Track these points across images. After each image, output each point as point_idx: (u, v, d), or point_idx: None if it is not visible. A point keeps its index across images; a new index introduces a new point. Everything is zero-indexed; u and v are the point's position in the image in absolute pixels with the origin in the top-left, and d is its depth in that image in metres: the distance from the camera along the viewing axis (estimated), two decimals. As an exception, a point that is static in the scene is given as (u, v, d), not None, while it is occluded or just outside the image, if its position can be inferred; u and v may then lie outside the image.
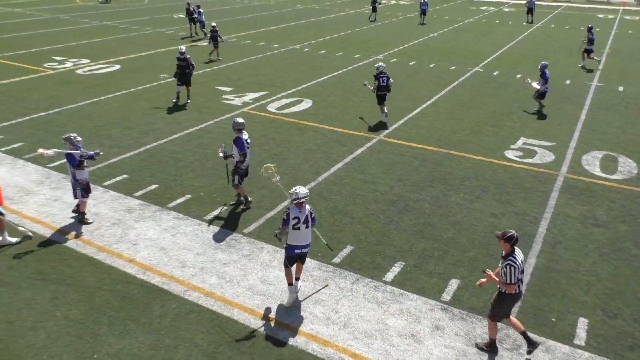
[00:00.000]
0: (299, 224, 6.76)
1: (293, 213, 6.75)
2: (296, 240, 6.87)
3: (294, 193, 6.73)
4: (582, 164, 11.84)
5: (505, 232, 5.92)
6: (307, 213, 6.84)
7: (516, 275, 5.81)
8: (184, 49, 15.33)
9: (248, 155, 9.39)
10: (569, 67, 21.55)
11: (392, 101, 16.25)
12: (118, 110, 14.91)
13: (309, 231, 6.92)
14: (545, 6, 46.80)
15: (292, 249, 6.92)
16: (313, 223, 6.97)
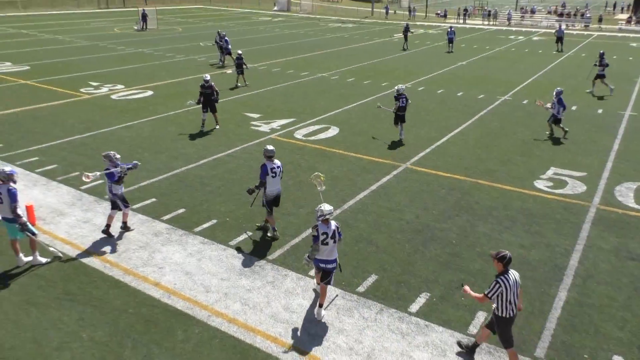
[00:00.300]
0: (327, 239, 7.07)
1: (322, 229, 7.06)
2: (322, 255, 7.13)
3: (318, 210, 7.06)
4: (615, 195, 11.54)
5: (499, 252, 6.02)
6: (334, 228, 7.13)
7: (502, 294, 5.92)
8: (208, 76, 15.71)
9: (276, 184, 9.28)
10: (601, 96, 21.20)
11: (419, 129, 16.23)
12: (149, 135, 15.25)
13: (335, 247, 7.21)
14: (576, 35, 46.45)
15: (318, 262, 7.19)
16: (339, 237, 7.25)
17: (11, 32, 39.45)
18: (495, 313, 6.11)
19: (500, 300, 5.97)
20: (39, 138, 14.75)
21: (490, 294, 5.97)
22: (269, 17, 60.78)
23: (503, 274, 5.99)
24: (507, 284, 5.90)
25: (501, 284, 5.90)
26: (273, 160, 9.30)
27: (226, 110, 18.06)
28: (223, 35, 27.50)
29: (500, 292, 5.92)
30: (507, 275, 5.96)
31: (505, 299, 5.94)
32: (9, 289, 7.86)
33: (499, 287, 5.91)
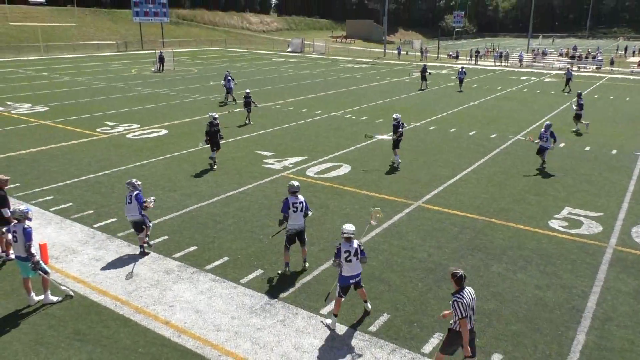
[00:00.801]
0: (350, 256, 7.69)
1: (344, 247, 7.73)
2: (350, 271, 7.76)
3: (342, 229, 7.79)
4: (633, 236, 11.34)
5: (454, 272, 6.38)
6: (356, 247, 7.77)
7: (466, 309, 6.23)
8: (216, 115, 16.22)
9: (298, 219, 9.28)
10: (615, 137, 21.15)
11: (431, 167, 16.24)
12: (163, 173, 15.43)
13: (359, 263, 7.82)
14: (589, 77, 46.73)
15: (347, 280, 7.79)
16: (363, 256, 7.85)
17: (32, 75, 40.70)
18: (451, 328, 6.44)
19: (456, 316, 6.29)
20: (55, 177, 14.99)
21: (463, 313, 6.22)
22: (283, 58, 62.15)
23: (459, 291, 6.33)
24: (463, 300, 6.23)
25: (460, 300, 6.24)
26: (297, 196, 9.37)
27: (239, 148, 18.27)
28: (226, 74, 28.50)
29: (464, 307, 6.23)
30: (462, 293, 6.30)
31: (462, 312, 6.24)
32: (19, 328, 7.83)
33: (460, 304, 6.23)
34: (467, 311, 6.22)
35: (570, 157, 17.75)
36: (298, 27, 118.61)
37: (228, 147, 18.47)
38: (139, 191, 10.01)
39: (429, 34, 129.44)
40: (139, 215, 9.94)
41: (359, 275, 7.90)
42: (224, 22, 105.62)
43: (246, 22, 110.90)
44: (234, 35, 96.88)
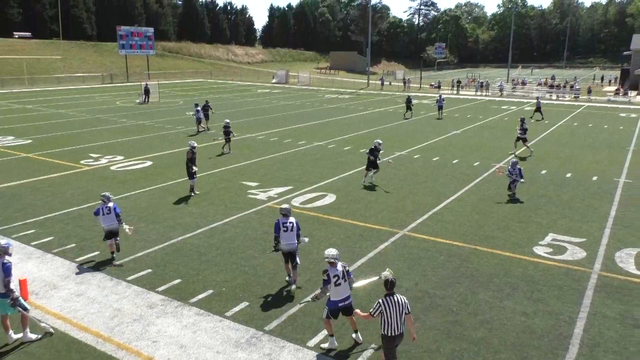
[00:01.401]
0: (339, 280, 7.76)
1: (332, 272, 7.77)
2: (339, 295, 7.78)
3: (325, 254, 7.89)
4: (616, 261, 11.43)
5: (385, 278, 6.99)
6: (342, 269, 7.85)
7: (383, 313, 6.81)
8: (195, 143, 16.57)
9: (290, 239, 9.80)
10: (595, 164, 21.52)
11: (416, 196, 16.32)
12: (147, 205, 15.29)
13: (347, 285, 7.87)
14: (568, 105, 47.79)
15: (336, 304, 7.80)
16: (350, 276, 7.93)
17: (16, 107, 40.50)
18: (382, 334, 6.96)
19: (382, 319, 6.87)
20: (36, 210, 14.77)
21: (372, 311, 6.96)
22: (268, 89, 62.71)
23: (387, 295, 6.90)
24: (387, 304, 6.82)
25: (382, 304, 6.85)
26: (288, 217, 9.90)
27: (223, 179, 18.22)
28: (195, 105, 29.75)
29: (381, 311, 6.83)
30: (389, 298, 6.88)
31: (386, 318, 6.82)
32: (-5, 365, 7.59)
33: (379, 307, 6.86)
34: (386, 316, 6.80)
35: (552, 184, 17.98)
36: (283, 59, 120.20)
37: (213, 178, 18.42)
38: (114, 203, 11.39)
39: (412, 64, 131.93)
40: (117, 224, 11.15)
41: (349, 299, 7.89)
42: (210, 54, 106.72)
43: (231, 54, 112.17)
44: (219, 67, 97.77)
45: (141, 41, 73.71)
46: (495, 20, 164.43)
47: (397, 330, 6.84)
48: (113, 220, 11.12)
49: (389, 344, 6.94)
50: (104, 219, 11.13)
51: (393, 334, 6.85)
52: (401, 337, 6.99)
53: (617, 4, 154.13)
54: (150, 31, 76.45)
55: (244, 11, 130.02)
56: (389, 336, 6.88)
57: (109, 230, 11.16)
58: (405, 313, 6.95)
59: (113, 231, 11.19)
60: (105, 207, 11.16)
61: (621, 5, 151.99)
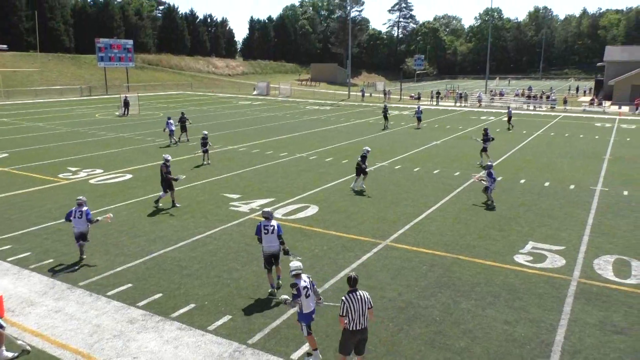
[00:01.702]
0: (308, 291, 7.82)
1: (300, 284, 7.77)
2: (310, 307, 7.83)
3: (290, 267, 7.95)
4: (595, 268, 11.61)
5: (348, 276, 7.27)
6: (307, 279, 7.92)
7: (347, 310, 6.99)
8: (169, 156, 16.55)
9: (271, 241, 10.10)
10: (572, 172, 21.90)
11: (398, 206, 16.40)
12: (127, 218, 15.09)
13: (313, 295, 7.93)
14: (544, 115, 48.68)
15: (309, 316, 7.83)
16: (313, 287, 7.98)
17: (-8, 120, 39.76)
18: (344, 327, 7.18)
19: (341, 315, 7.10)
20: (13, 225, 14.47)
21: (341, 312, 7.07)
22: (249, 101, 62.66)
23: (349, 292, 7.12)
24: (351, 301, 7.02)
25: (346, 301, 7.04)
26: (270, 220, 10.20)
27: (205, 191, 18.10)
28: (168, 118, 30.08)
29: (346, 308, 7.00)
30: (352, 294, 7.08)
31: (351, 315, 7.00)
32: (-30, 385, 7.36)
33: (344, 304, 7.05)
34: (350, 312, 6.98)
35: (531, 193, 18.24)
36: (264, 71, 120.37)
37: (194, 190, 18.28)
38: (87, 207, 12.11)
39: (392, 76, 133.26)
40: (86, 227, 11.89)
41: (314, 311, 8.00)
42: (190, 67, 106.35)
43: (212, 67, 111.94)
44: (199, 79, 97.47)
45: (120, 53, 73.17)
46: (472, 33, 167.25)
47: (359, 325, 7.05)
48: (84, 223, 11.83)
49: (350, 338, 7.16)
50: (75, 222, 11.87)
51: (355, 329, 7.05)
52: (362, 332, 7.14)
53: (590, 16, 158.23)
54: (130, 43, 75.97)
55: (225, 23, 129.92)
56: (351, 330, 7.06)
57: (79, 232, 11.87)
58: (368, 308, 7.17)
59: (83, 233, 11.93)
60: (78, 210, 11.90)
61: (594, 18, 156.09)
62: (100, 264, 11.60)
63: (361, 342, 7.26)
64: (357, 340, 7.21)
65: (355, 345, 7.25)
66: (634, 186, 19.38)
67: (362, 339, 7.23)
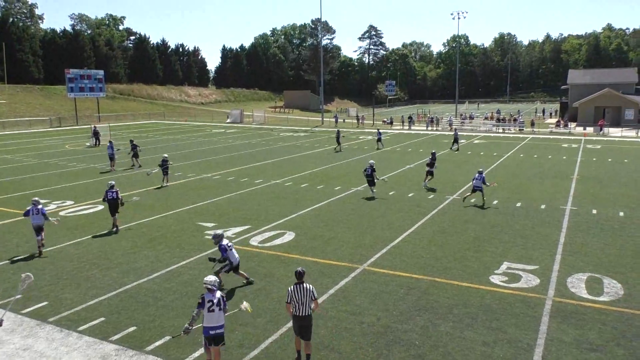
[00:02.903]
0: (213, 306, 7.92)
1: (207, 297, 7.97)
2: (211, 322, 7.92)
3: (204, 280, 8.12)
4: (568, 286, 11.79)
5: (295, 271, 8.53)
6: (219, 297, 8.05)
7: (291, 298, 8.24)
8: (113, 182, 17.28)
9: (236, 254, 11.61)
10: (542, 193, 22.38)
11: (374, 230, 16.46)
12: (99, 251, 14.75)
13: (222, 314, 8.03)
14: (513, 137, 49.84)
15: (207, 330, 7.94)
16: (225, 306, 8.09)
17: (-43, 153, 38.74)
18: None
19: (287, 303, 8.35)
20: (-21, 260, 13.99)
21: (287, 299, 8.33)
22: (223, 129, 62.58)
23: (295, 284, 8.33)
24: (294, 291, 8.25)
25: (290, 291, 8.32)
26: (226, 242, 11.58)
27: (179, 220, 17.86)
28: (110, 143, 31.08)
29: (290, 296, 8.25)
30: (297, 286, 8.29)
31: (294, 302, 8.23)
32: None
33: (288, 293, 8.34)
34: (294, 300, 8.19)
35: (503, 214, 18.54)
36: (237, 99, 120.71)
37: (168, 220, 18.03)
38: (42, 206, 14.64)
39: (364, 102, 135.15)
40: (42, 221, 14.28)
41: (221, 328, 7.99)
42: (162, 96, 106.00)
43: (185, 95, 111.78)
44: (172, 108, 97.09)
45: (91, 84, 72.52)
46: (441, 59, 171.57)
47: (300, 312, 8.22)
48: (40, 219, 14.29)
49: (295, 321, 8.40)
50: (33, 218, 14.29)
51: (297, 314, 8.25)
52: (304, 319, 8.25)
53: (553, 41, 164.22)
54: (101, 74, 75.42)
55: (197, 52, 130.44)
56: (294, 315, 8.33)
57: (37, 226, 14.27)
58: (312, 299, 8.29)
59: (40, 226, 14.28)
60: (35, 208, 14.37)
61: (556, 43, 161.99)
62: (72, 298, 11.27)
63: (303, 327, 8.29)
64: (299, 326, 8.31)
65: (299, 330, 8.35)
66: (602, 205, 19.89)
67: (303, 325, 8.27)
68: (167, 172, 24.58)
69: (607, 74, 72.31)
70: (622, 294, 11.32)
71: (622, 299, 11.03)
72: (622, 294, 11.28)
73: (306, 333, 8.34)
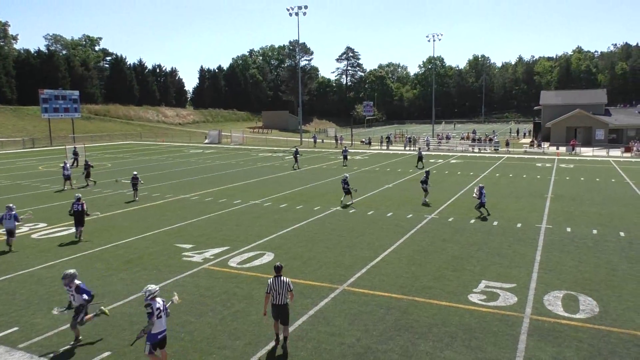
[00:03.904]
0: (161, 312, 8.65)
1: (155, 305, 8.58)
2: (159, 327, 8.61)
3: (147, 291, 8.65)
4: (545, 304, 11.91)
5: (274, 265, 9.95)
6: (162, 303, 8.75)
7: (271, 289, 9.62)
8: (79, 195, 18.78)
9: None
10: (518, 211, 22.71)
11: (354, 250, 16.45)
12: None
13: (165, 318, 8.77)
14: (489, 157, 50.65)
15: (156, 337, 8.58)
16: (166, 311, 8.82)
17: None
18: None
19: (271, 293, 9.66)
20: (-54, 285, 13.52)
21: (267, 290, 9.71)
22: (201, 149, 62.25)
23: (274, 277, 9.72)
24: (273, 283, 9.63)
25: (269, 283, 9.67)
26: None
27: (156, 242, 17.60)
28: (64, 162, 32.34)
29: (270, 287, 9.64)
30: (276, 278, 9.66)
31: (274, 293, 9.60)
32: None
33: (268, 285, 9.70)
34: (273, 291, 9.57)
35: (480, 232, 18.73)
36: (215, 119, 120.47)
37: (145, 242, 17.75)
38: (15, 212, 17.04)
39: (342, 122, 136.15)
40: (14, 225, 16.85)
41: (165, 332, 8.73)
42: (139, 116, 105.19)
43: (162, 116, 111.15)
44: (149, 129, 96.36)
45: (66, 104, 71.71)
46: (417, 80, 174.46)
47: (278, 301, 9.58)
48: (13, 223, 16.80)
49: (273, 309, 9.70)
50: (6, 222, 16.65)
51: (275, 303, 9.61)
52: (281, 307, 9.63)
53: (525, 63, 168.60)
54: (76, 94, 74.67)
55: (174, 73, 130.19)
56: (273, 304, 9.66)
57: (9, 230, 16.73)
58: (288, 290, 9.67)
59: (12, 230, 16.81)
60: (8, 214, 16.74)
61: (529, 65, 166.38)
62: (43, 323, 10.96)
63: (281, 314, 9.67)
64: (278, 312, 9.66)
65: (278, 315, 9.69)
66: (576, 223, 20.26)
67: (281, 312, 9.66)
68: (136, 187, 26.48)
69: (578, 95, 74.42)
70: (598, 311, 11.48)
71: (598, 317, 11.18)
72: (597, 311, 11.44)
73: (285, 318, 9.69)
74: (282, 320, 9.72)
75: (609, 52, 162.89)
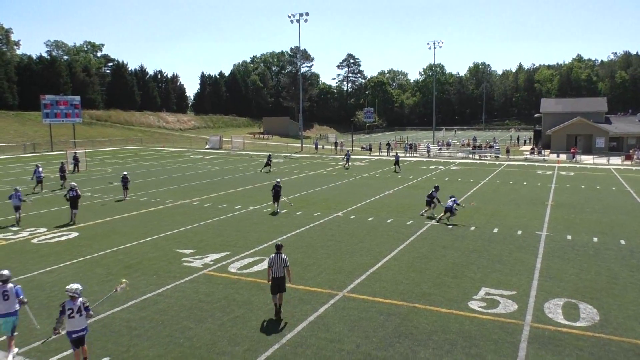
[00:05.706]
0: (73, 313, 8.68)
1: (68, 305, 8.71)
2: (73, 327, 8.71)
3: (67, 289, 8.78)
4: (545, 312, 11.87)
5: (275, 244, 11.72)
6: (80, 304, 8.77)
7: (270, 264, 11.41)
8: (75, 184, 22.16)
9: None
10: (518, 219, 22.68)
11: (354, 256, 16.42)
12: (73, 279, 14.34)
13: (83, 319, 8.80)
14: (490, 164, 50.68)
15: (70, 334, 8.74)
16: (88, 311, 8.86)
17: None
18: None
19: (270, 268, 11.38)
20: (-55, 289, 13.48)
21: (268, 264, 11.46)
22: (201, 155, 62.29)
23: (274, 253, 11.48)
24: (273, 259, 11.40)
25: (270, 258, 11.51)
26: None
27: (156, 248, 17.57)
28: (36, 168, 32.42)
29: (270, 262, 11.40)
30: (275, 255, 11.43)
31: (273, 267, 11.30)
32: None
33: (269, 259, 11.51)
34: (273, 265, 11.33)
35: (481, 239, 18.70)
36: (216, 125, 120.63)
37: (145, 247, 17.73)
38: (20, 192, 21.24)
39: (343, 128, 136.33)
40: (20, 203, 20.97)
41: (83, 331, 8.83)
42: (140, 122, 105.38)
43: (163, 121, 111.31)
44: (150, 134, 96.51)
45: (67, 110, 71.81)
46: (418, 87, 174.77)
47: (277, 274, 11.28)
48: (18, 201, 21.12)
49: (273, 282, 11.31)
50: (13, 200, 21.02)
51: (274, 276, 11.26)
52: (279, 279, 11.27)
53: (526, 71, 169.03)
54: (77, 99, 74.78)
55: (175, 79, 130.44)
56: (272, 277, 11.29)
57: (15, 206, 21.19)
58: (284, 266, 11.36)
59: (18, 206, 21.24)
60: (15, 194, 21.02)
61: (529, 73, 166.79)
62: (42, 328, 10.92)
63: (279, 286, 11.29)
64: (275, 285, 11.29)
65: (277, 288, 11.30)
66: (576, 231, 20.23)
67: (279, 284, 11.29)
68: (126, 187, 28.27)
69: (578, 103, 74.55)
70: (598, 319, 11.44)
71: (598, 325, 11.14)
72: (597, 320, 11.40)
73: (282, 287, 11.38)
74: (282, 289, 11.38)
75: (609, 60, 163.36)
